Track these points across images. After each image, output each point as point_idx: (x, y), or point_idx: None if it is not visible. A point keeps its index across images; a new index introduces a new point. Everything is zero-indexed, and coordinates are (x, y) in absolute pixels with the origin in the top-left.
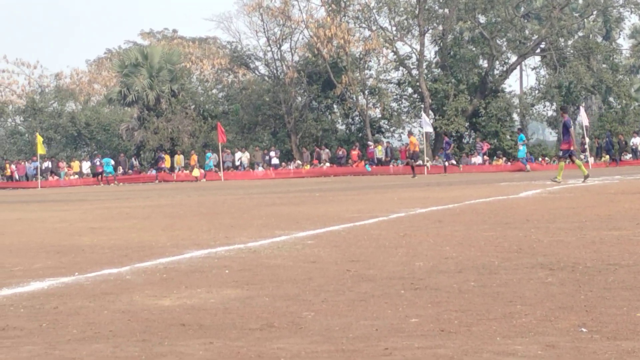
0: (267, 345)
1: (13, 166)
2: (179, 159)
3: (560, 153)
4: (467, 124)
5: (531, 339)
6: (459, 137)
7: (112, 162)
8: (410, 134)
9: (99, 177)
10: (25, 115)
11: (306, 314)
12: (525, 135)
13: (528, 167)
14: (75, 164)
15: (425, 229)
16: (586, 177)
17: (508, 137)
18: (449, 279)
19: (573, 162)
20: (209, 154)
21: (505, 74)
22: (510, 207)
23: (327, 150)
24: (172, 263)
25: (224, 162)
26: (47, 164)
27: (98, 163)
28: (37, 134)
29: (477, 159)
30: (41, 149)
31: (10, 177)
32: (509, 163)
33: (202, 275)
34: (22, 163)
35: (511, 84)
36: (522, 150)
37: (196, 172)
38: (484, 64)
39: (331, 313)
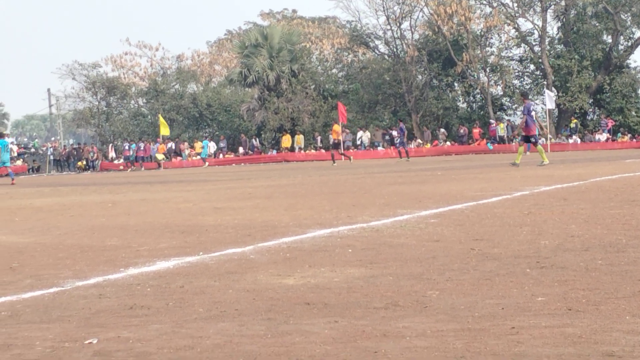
0: (392, 324)
1: (140, 145)
2: (299, 138)
3: (532, 139)
4: (591, 101)
5: None
6: (582, 114)
7: (209, 144)
8: (334, 122)
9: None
10: (148, 97)
11: (431, 292)
12: None
13: None
14: (198, 145)
15: (550, 207)
16: (542, 162)
17: (633, 113)
18: (576, 257)
19: (536, 147)
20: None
21: (630, 49)
22: (638, 184)
23: (442, 130)
24: (295, 242)
25: (344, 142)
26: (170, 145)
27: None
28: (160, 115)
29: (602, 136)
30: (164, 131)
31: (135, 158)
32: (635, 140)
33: (326, 255)
34: (148, 144)
35: (636, 60)
36: None
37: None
38: (608, 39)
39: (456, 292)
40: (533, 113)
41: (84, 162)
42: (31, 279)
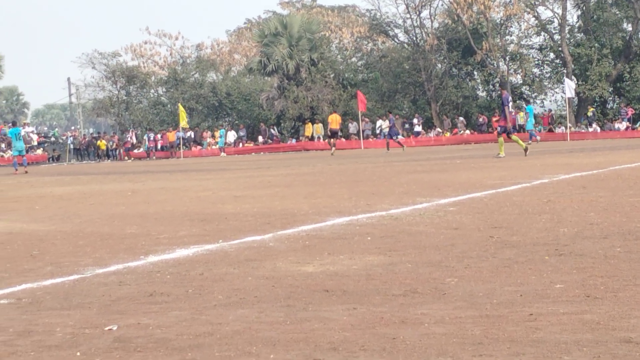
0: (410, 311)
1: (159, 136)
2: (319, 127)
3: (498, 129)
4: (610, 89)
5: None
6: (602, 102)
7: (228, 133)
8: (333, 112)
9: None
10: (168, 86)
11: (449, 280)
12: None
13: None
14: (218, 134)
15: (569, 195)
16: (526, 150)
17: None
18: (594, 244)
19: (510, 138)
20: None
21: None
22: None
23: (461, 118)
24: (314, 230)
25: (363, 131)
26: (190, 133)
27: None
28: (180, 104)
29: (622, 125)
30: (182, 122)
31: (155, 148)
32: None
33: (345, 242)
34: (167, 132)
35: None
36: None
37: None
38: (628, 27)
39: (474, 279)
40: (511, 104)
41: (105, 149)
42: (52, 266)
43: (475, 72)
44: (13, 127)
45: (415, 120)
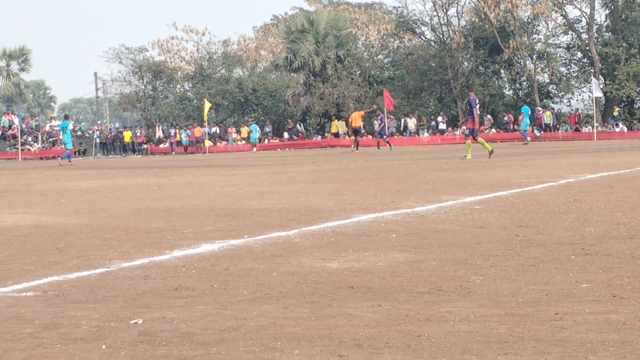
0: (435, 309)
1: (183, 131)
2: (344, 124)
3: (467, 131)
4: (638, 89)
5: None
6: (630, 102)
7: (258, 128)
8: (356, 109)
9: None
10: (194, 81)
11: (475, 278)
12: None
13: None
14: (244, 130)
15: (596, 195)
16: (491, 153)
17: None
18: (621, 244)
19: (476, 140)
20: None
21: None
22: None
23: (489, 116)
24: (339, 227)
25: (389, 128)
26: (216, 129)
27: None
28: (205, 99)
29: None
30: (205, 116)
31: (179, 143)
32: None
33: (370, 239)
34: (193, 128)
35: None
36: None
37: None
38: None
39: (500, 277)
40: (477, 106)
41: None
42: (78, 259)
43: (502, 71)
44: (65, 120)
45: (440, 119)
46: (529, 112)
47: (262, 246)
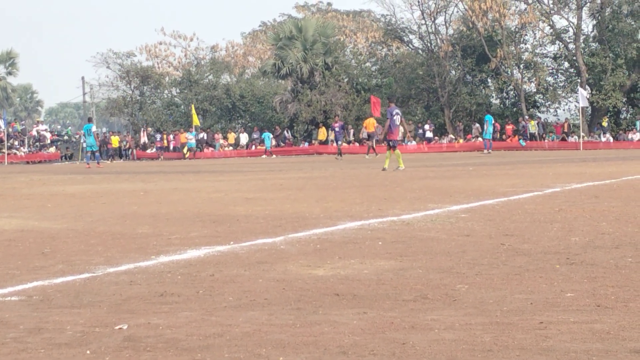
0: (420, 317)
1: (171, 137)
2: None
3: (390, 143)
4: (624, 99)
5: None
6: (616, 112)
7: (272, 136)
8: (370, 116)
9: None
10: (181, 87)
11: (460, 286)
12: None
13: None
14: (231, 136)
15: (581, 204)
16: (398, 168)
17: None
18: (606, 254)
19: (393, 150)
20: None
21: None
22: None
23: (477, 125)
24: (325, 234)
25: (376, 137)
26: (203, 135)
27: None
28: (192, 105)
29: (635, 135)
30: (196, 121)
31: (167, 148)
32: None
33: (356, 247)
34: (180, 133)
35: None
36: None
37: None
38: None
39: (485, 286)
40: (397, 117)
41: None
42: (63, 264)
43: (489, 80)
44: (88, 123)
45: (427, 127)
46: (493, 121)
47: (248, 253)
